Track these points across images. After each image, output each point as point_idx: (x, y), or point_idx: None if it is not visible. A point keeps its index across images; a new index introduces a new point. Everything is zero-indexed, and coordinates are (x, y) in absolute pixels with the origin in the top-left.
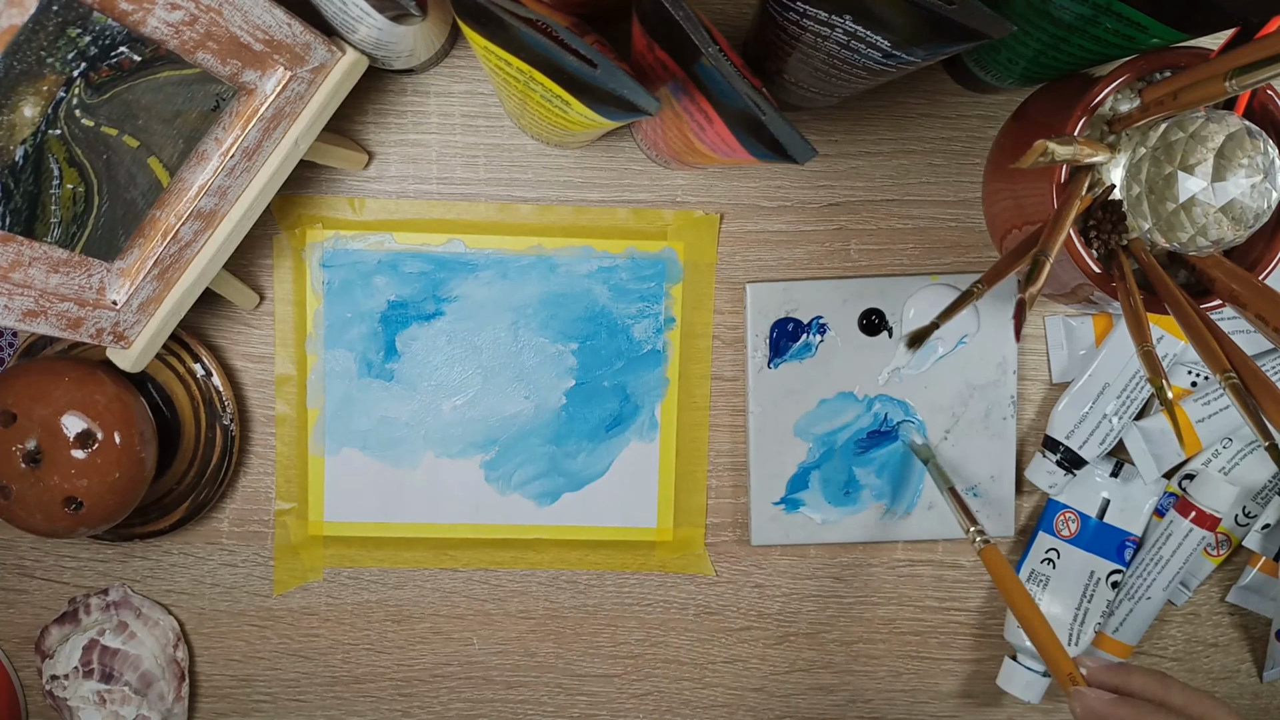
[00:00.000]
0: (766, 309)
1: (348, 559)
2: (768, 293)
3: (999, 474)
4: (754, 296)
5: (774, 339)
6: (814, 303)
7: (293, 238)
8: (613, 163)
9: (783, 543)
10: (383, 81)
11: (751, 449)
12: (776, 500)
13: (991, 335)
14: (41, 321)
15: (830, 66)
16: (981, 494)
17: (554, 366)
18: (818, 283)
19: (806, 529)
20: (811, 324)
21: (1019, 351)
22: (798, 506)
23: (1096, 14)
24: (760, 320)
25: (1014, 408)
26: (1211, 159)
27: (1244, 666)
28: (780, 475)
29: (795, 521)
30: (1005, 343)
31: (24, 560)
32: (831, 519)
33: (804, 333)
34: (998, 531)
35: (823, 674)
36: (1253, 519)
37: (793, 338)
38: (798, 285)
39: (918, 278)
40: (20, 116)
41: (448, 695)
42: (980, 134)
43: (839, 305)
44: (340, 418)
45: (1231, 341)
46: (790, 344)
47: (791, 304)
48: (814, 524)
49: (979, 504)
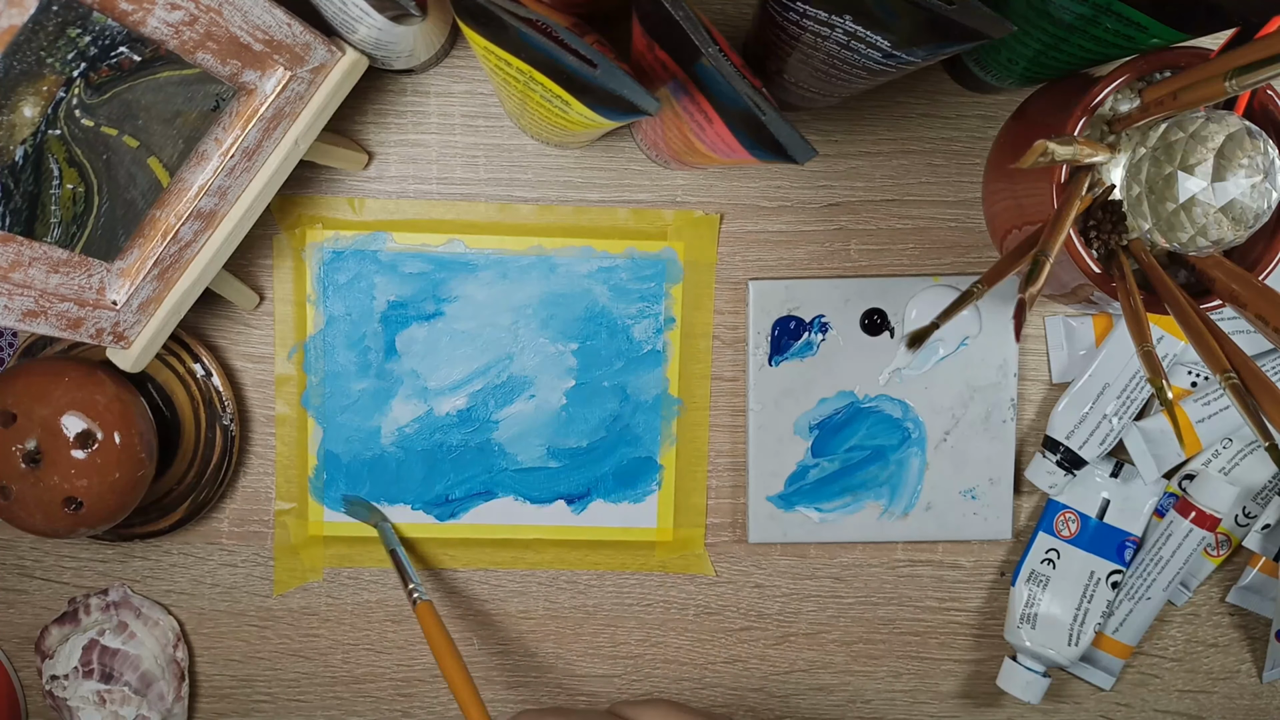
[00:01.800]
0: (768, 306)
1: (348, 559)
2: (770, 290)
3: (997, 477)
4: (756, 294)
5: (775, 336)
6: (816, 301)
7: (293, 238)
8: (613, 163)
9: (780, 540)
10: (383, 81)
11: (751, 446)
12: (774, 497)
13: (993, 337)
14: (41, 321)
15: (830, 66)
16: (980, 496)
17: (554, 366)
18: (820, 281)
19: (804, 527)
20: (813, 322)
21: (1019, 352)
22: (795, 505)
23: (1096, 14)
24: (762, 318)
25: (1014, 410)
26: (1211, 159)
27: (1244, 667)
28: (779, 473)
29: (793, 520)
30: (1007, 345)
31: (24, 560)
32: (829, 518)
33: (805, 331)
34: (994, 534)
35: (823, 674)
36: (1253, 519)
37: (794, 336)
38: (800, 283)
39: (920, 278)
40: (20, 116)
41: (448, 695)
42: (980, 134)
43: (841, 304)
44: (340, 417)
45: (1231, 341)
46: (792, 342)
47: (794, 302)
48: (811, 522)
49: (977, 506)
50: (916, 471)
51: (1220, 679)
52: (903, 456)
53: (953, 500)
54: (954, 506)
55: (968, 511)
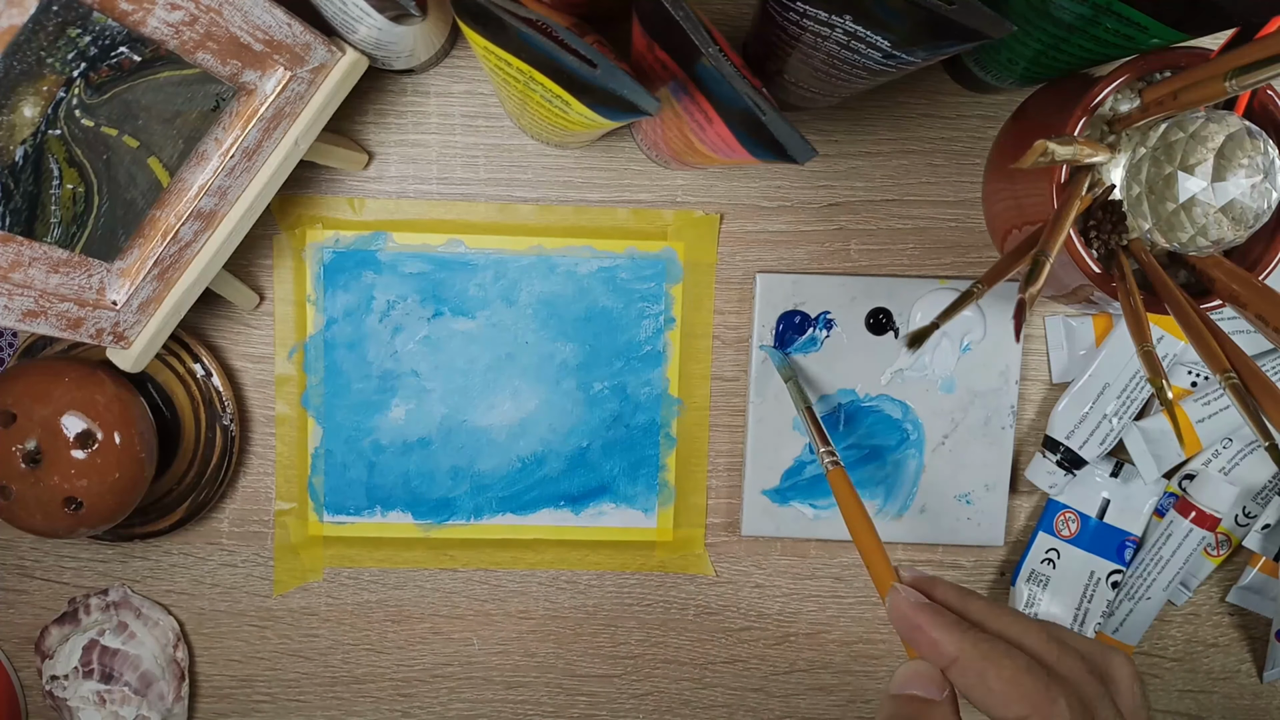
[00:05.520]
0: (775, 300)
1: (348, 559)
2: (777, 283)
3: (993, 483)
4: (763, 287)
5: (780, 330)
6: (822, 297)
7: (293, 238)
8: (613, 163)
9: (773, 535)
10: (383, 81)
11: (749, 439)
12: (769, 491)
13: (996, 342)
14: (41, 322)
15: (830, 66)
16: (974, 501)
17: (554, 366)
18: (828, 278)
19: (798, 523)
20: (818, 318)
21: (1020, 352)
22: (790, 500)
23: (1096, 14)
24: (768, 311)
25: (1013, 417)
26: (1211, 159)
27: (1244, 666)
28: (775, 467)
29: (787, 515)
30: (1010, 351)
31: (24, 560)
32: (824, 515)
33: (810, 326)
34: (987, 540)
35: (823, 674)
36: (1253, 519)
37: (799, 330)
38: (808, 279)
39: (927, 280)
40: (20, 116)
41: (448, 695)
42: (980, 134)
43: (847, 302)
44: (339, 417)
45: (1231, 341)
46: (796, 336)
47: (800, 297)
48: (806, 518)
49: (971, 511)
50: (913, 473)
51: (1220, 679)
52: (900, 457)
53: (947, 504)
54: (948, 510)
55: (961, 516)
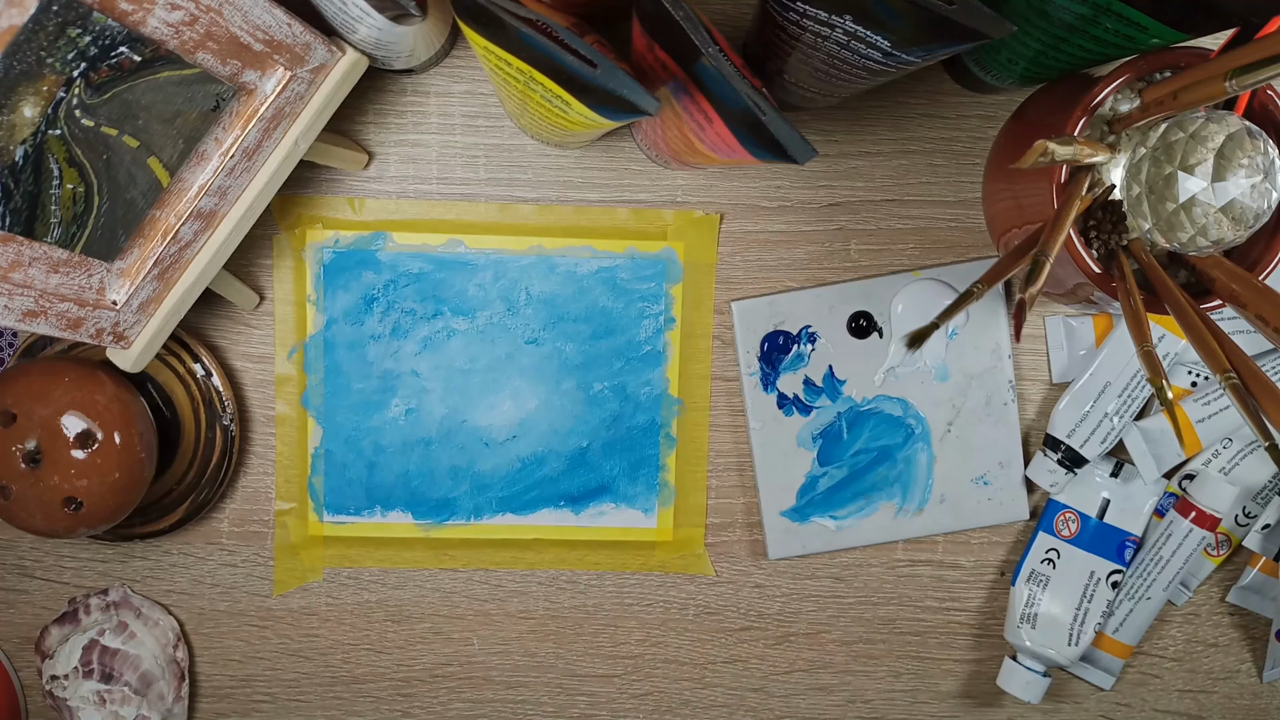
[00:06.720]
0: (754, 324)
1: (348, 559)
2: (754, 309)
3: (1007, 460)
4: (740, 314)
5: (765, 352)
6: (801, 313)
7: (293, 238)
8: (613, 163)
9: (801, 554)
10: (383, 81)
11: (757, 464)
12: (787, 511)
13: (982, 322)
14: (41, 322)
15: (830, 66)
16: (992, 481)
17: (554, 366)
18: (802, 293)
19: (822, 537)
20: (801, 334)
21: (1019, 352)
22: (809, 516)
23: (1096, 14)
24: (749, 336)
25: (1013, 392)
26: (1211, 159)
27: (1244, 666)
28: (789, 487)
29: (810, 531)
30: (997, 328)
31: (24, 560)
32: (846, 524)
33: (794, 343)
34: (1011, 516)
35: (823, 674)
36: (1253, 519)
37: (784, 350)
38: (783, 298)
39: (900, 275)
40: (20, 116)
41: (448, 695)
42: (980, 134)
43: (826, 312)
44: (339, 417)
45: (1231, 341)
46: (782, 356)
47: (778, 317)
48: (829, 531)
49: (990, 491)
50: (925, 466)
51: (1220, 679)
52: (909, 453)
53: (965, 489)
54: (967, 495)
55: (981, 498)
